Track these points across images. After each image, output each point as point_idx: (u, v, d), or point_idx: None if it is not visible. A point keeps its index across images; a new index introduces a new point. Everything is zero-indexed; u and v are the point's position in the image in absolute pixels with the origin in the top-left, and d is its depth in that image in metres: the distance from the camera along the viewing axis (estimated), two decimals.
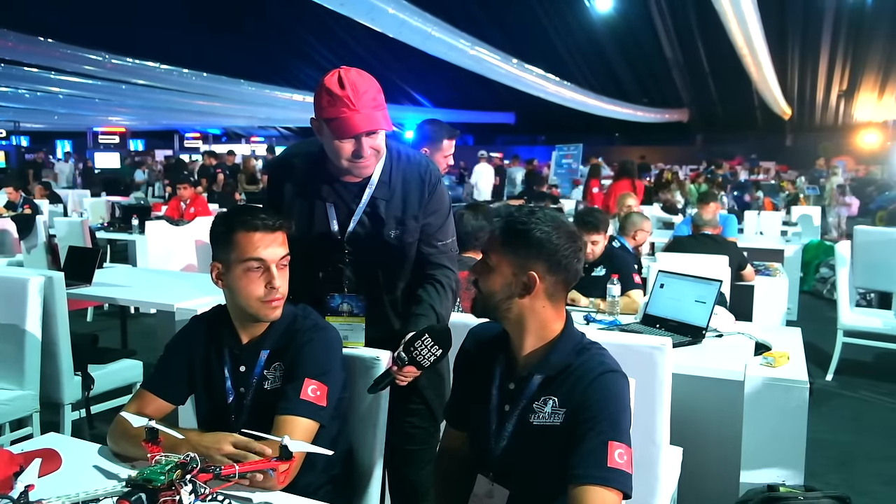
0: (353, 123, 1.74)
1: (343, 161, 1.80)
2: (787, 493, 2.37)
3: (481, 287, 1.49)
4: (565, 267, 1.46)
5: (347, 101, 1.73)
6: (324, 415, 1.58)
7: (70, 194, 11.10)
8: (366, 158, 1.80)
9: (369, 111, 1.75)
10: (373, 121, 1.76)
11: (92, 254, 4.05)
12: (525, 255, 1.44)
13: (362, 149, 1.78)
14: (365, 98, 1.75)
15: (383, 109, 1.80)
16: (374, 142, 1.80)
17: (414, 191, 1.93)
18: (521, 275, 1.44)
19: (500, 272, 1.45)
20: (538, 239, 1.43)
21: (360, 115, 1.74)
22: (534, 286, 1.43)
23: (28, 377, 2.92)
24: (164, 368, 1.74)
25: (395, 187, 1.92)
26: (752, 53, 14.72)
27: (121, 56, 15.19)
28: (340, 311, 1.94)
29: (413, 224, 1.93)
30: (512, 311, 1.46)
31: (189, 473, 1.29)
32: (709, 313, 2.84)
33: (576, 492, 1.30)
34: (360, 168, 1.83)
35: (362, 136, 1.77)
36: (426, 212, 1.95)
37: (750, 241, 7.33)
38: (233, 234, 1.60)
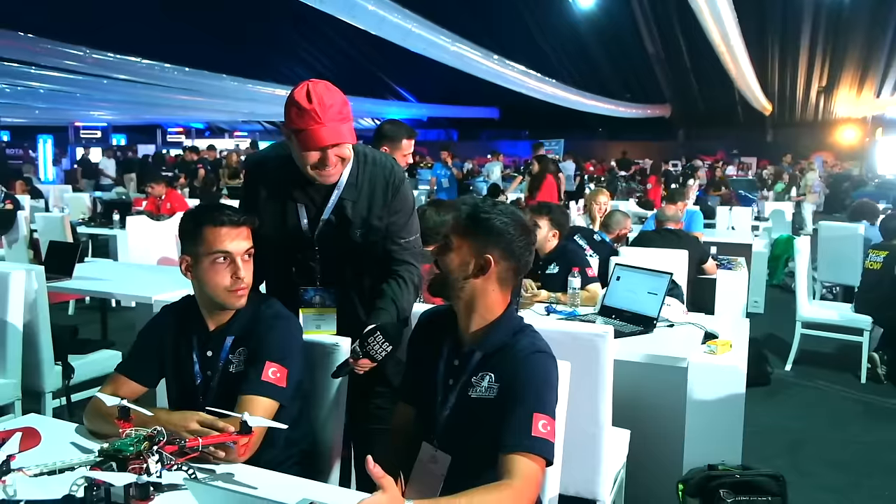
0: (319, 136, 1.87)
1: (308, 169, 1.94)
2: (725, 471, 2.56)
3: (440, 264, 1.65)
4: (518, 256, 1.63)
5: (314, 114, 1.84)
6: (284, 395, 1.73)
7: (52, 189, 11.12)
8: (330, 167, 1.93)
9: (335, 124, 1.88)
10: (337, 134, 1.89)
11: (72, 248, 4.16)
12: (484, 241, 1.60)
13: (328, 159, 1.91)
14: (331, 111, 1.87)
15: (349, 122, 1.93)
16: (339, 151, 1.93)
17: (379, 192, 2.07)
18: (478, 257, 1.60)
19: (460, 253, 1.62)
20: (498, 228, 1.61)
21: (326, 129, 1.86)
22: (488, 268, 1.60)
23: (10, 366, 3.03)
24: (137, 353, 1.88)
25: (362, 189, 2.05)
26: (730, 51, 14.93)
27: (101, 51, 15.14)
28: (313, 303, 2.08)
29: (377, 224, 2.07)
30: (465, 290, 1.62)
31: (156, 445, 1.43)
32: (659, 304, 3.00)
33: (504, 459, 1.45)
34: (323, 177, 1.96)
35: (329, 153, 1.90)
36: (390, 211, 2.09)
37: (720, 235, 7.54)
38: (201, 229, 1.74)
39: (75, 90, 19.48)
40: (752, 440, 3.68)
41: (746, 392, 4.22)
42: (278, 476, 1.58)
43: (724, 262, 5.19)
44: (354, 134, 1.98)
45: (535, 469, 1.45)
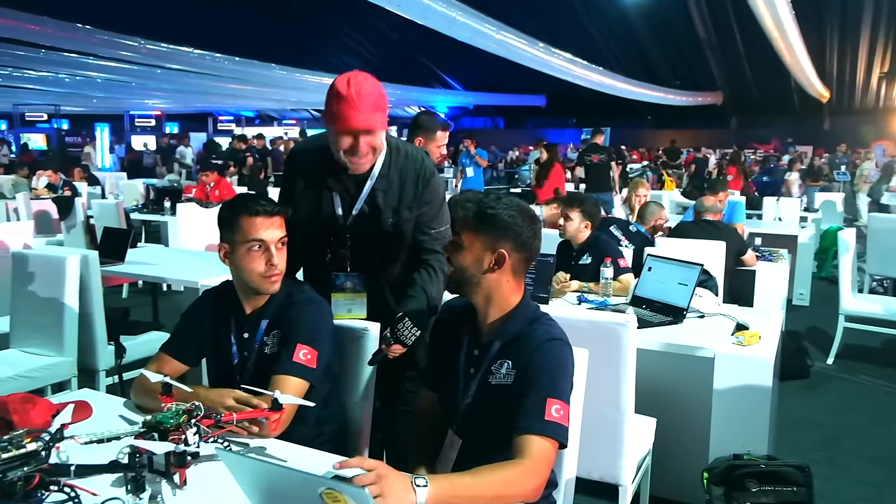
0: (352, 120, 1.97)
1: (341, 155, 2.04)
2: (751, 460, 2.58)
3: (454, 263, 1.72)
4: (528, 246, 1.70)
5: (350, 99, 1.96)
6: (314, 375, 1.83)
7: (107, 177, 11.53)
8: (361, 155, 2.03)
9: (368, 112, 1.98)
10: (370, 120, 1.99)
11: (125, 234, 4.36)
12: (495, 236, 1.67)
13: (359, 145, 2.01)
14: (366, 100, 1.97)
15: (383, 113, 2.03)
16: (371, 139, 2.02)
17: (409, 184, 2.16)
18: (492, 252, 1.66)
19: (472, 250, 1.68)
20: (506, 222, 1.67)
21: (360, 114, 1.97)
22: (503, 262, 1.66)
23: (67, 345, 3.23)
24: (180, 334, 2.01)
25: (393, 180, 2.15)
26: (783, 37, 14.54)
27: (155, 41, 15.57)
28: (344, 287, 2.18)
29: (407, 214, 2.16)
30: (481, 284, 1.69)
31: (194, 419, 1.55)
32: (689, 295, 3.02)
33: (517, 441, 1.52)
34: (355, 164, 2.06)
35: (360, 134, 1.99)
36: (420, 203, 2.18)
37: (766, 226, 7.42)
38: (237, 219, 1.86)
39: (130, 80, 20.08)
40: (787, 432, 3.69)
41: (784, 384, 4.24)
42: (308, 451, 1.68)
43: (766, 254, 5.13)
44: (386, 124, 2.08)
45: (547, 450, 1.51)
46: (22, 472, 1.28)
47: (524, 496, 1.45)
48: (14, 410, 1.66)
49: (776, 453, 3.30)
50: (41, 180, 9.16)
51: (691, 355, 2.74)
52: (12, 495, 1.26)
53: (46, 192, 8.63)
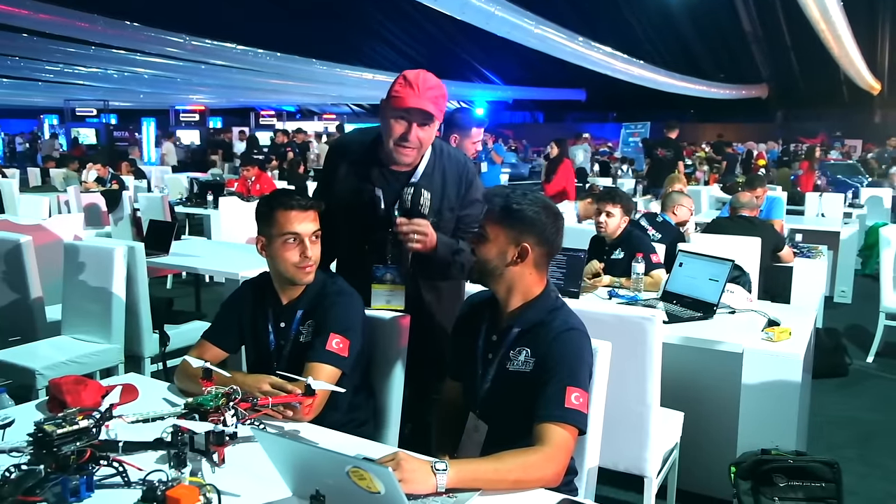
0: (409, 98, 2.05)
1: (391, 142, 2.10)
2: (778, 455, 2.58)
3: (478, 254, 1.78)
4: (550, 241, 1.76)
5: (413, 83, 2.05)
6: (345, 364, 1.91)
7: (153, 171, 11.84)
8: (410, 144, 2.09)
9: (426, 99, 2.05)
10: (426, 105, 2.05)
11: (169, 227, 4.52)
12: (519, 230, 1.72)
13: (410, 132, 2.07)
14: (428, 89, 2.06)
15: (439, 108, 2.09)
16: (423, 131, 2.09)
17: (452, 185, 2.23)
18: (516, 246, 1.72)
19: (497, 243, 1.74)
20: (531, 217, 1.73)
21: (418, 97, 2.05)
22: (526, 256, 1.73)
23: (114, 333, 3.38)
24: (220, 323, 2.11)
25: (436, 180, 2.21)
26: (830, 28, 14.21)
27: (200, 38, 15.93)
28: (384, 279, 2.24)
29: (449, 215, 2.23)
30: (504, 276, 1.75)
31: (232, 402, 1.64)
32: (720, 291, 3.03)
33: (538, 428, 1.58)
34: (402, 154, 2.11)
35: (413, 122, 2.06)
36: (463, 204, 2.25)
37: (808, 222, 7.30)
38: (273, 213, 1.95)
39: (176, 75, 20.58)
40: (821, 429, 3.67)
41: (821, 382, 4.21)
42: (339, 435, 1.76)
43: (804, 250, 5.07)
44: (441, 115, 2.13)
45: (566, 437, 1.57)
46: (75, 446, 1.39)
47: (544, 481, 1.51)
48: (67, 391, 1.78)
49: (809, 450, 3.30)
50: (90, 174, 9.47)
51: (720, 350, 2.75)
52: (66, 467, 1.37)
53: (95, 186, 8.92)
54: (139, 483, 1.39)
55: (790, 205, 8.22)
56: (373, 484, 1.21)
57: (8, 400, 1.89)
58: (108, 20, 14.18)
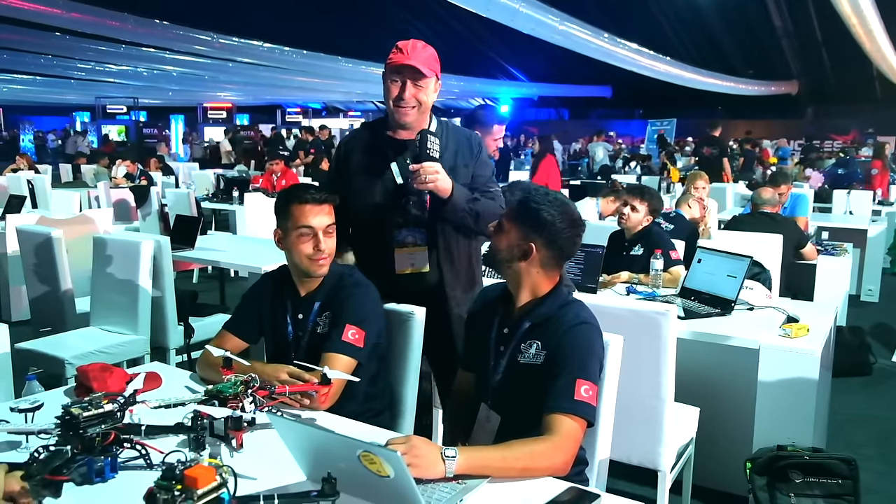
0: (399, 59, 2.20)
1: (391, 104, 2.23)
2: (794, 452, 2.58)
3: (493, 241, 1.83)
4: (560, 246, 1.77)
5: (404, 48, 2.21)
6: (361, 354, 1.96)
7: (181, 167, 12.02)
8: (407, 102, 2.21)
9: (416, 59, 2.19)
10: (414, 62, 2.18)
11: (195, 222, 4.61)
12: (530, 229, 1.75)
13: (405, 91, 2.19)
14: (418, 51, 2.21)
15: (431, 69, 2.22)
16: (417, 91, 2.21)
17: (463, 145, 2.36)
18: (522, 243, 1.75)
19: (508, 236, 1.78)
20: (545, 220, 1.75)
21: (408, 57, 2.19)
22: (530, 254, 1.75)
23: (141, 324, 3.47)
24: (241, 314, 2.17)
25: (447, 144, 2.31)
26: (862, 22, 13.95)
27: (227, 36, 16.12)
28: (406, 242, 2.30)
29: (464, 171, 2.32)
30: (511, 269, 1.79)
31: (251, 389, 1.69)
32: (738, 287, 3.03)
33: (548, 419, 1.61)
34: (402, 114, 2.23)
35: (407, 80, 2.19)
36: (477, 165, 2.35)
37: (835, 220, 7.20)
38: (289, 207, 2.01)
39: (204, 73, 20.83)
40: (842, 427, 3.65)
41: (843, 380, 4.18)
42: (355, 423, 1.81)
43: (828, 248, 5.02)
44: (434, 87, 2.26)
45: (575, 428, 1.60)
46: (100, 428, 1.45)
47: (552, 470, 1.54)
48: (94, 378, 1.85)
49: (828, 447, 3.28)
50: (120, 170, 9.65)
51: (737, 346, 2.75)
52: (91, 449, 1.43)
53: (124, 182, 9.10)
54: (160, 465, 1.44)
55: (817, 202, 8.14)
56: (383, 468, 1.25)
57: (38, 386, 1.97)
58: (137, 19, 14.40)
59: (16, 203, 6.14)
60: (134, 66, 20.35)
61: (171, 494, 1.15)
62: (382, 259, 2.30)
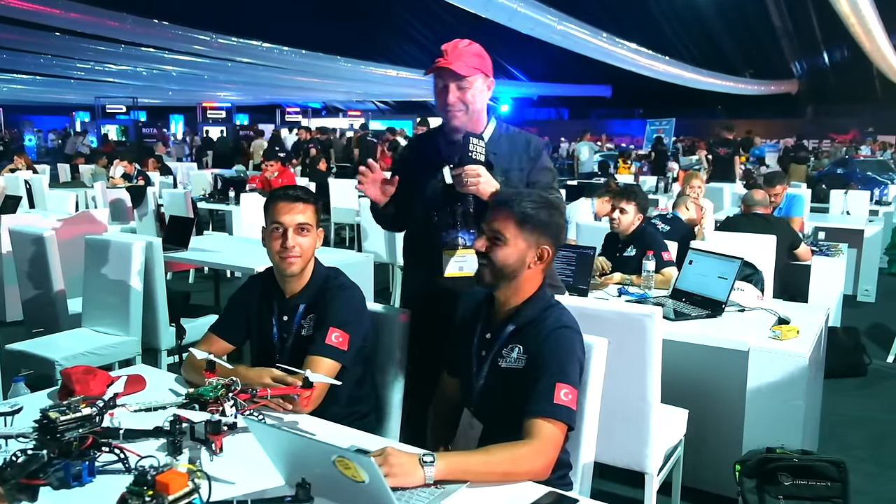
0: (439, 61, 2.15)
1: (440, 110, 2.22)
2: (784, 454, 2.58)
3: (494, 258, 1.75)
4: (561, 240, 1.82)
5: (443, 52, 2.16)
6: (345, 357, 1.95)
7: (179, 167, 12.02)
8: (453, 106, 2.17)
9: (456, 59, 2.15)
10: (456, 65, 2.13)
11: (188, 222, 4.60)
12: (541, 234, 1.75)
13: (448, 94, 2.16)
14: (459, 51, 2.15)
15: (474, 67, 2.16)
16: (461, 92, 2.17)
17: (520, 149, 2.30)
18: (535, 249, 1.75)
19: (516, 246, 1.74)
20: (547, 221, 1.76)
21: (445, 61, 2.14)
22: (545, 258, 1.76)
23: (132, 326, 3.47)
24: (227, 316, 2.17)
25: (503, 146, 2.27)
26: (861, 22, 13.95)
27: (226, 35, 16.13)
28: (455, 244, 2.24)
29: (518, 175, 2.25)
30: (519, 277, 1.76)
31: (231, 392, 1.69)
32: (728, 289, 3.02)
33: (528, 423, 1.60)
34: (452, 117, 2.20)
35: (449, 84, 2.16)
36: (533, 171, 2.27)
37: (831, 220, 7.19)
38: (269, 204, 2.04)
39: (203, 73, 20.86)
40: (835, 429, 3.64)
41: (838, 381, 4.18)
42: (337, 427, 1.80)
43: (823, 248, 5.01)
44: (483, 87, 2.21)
45: (555, 432, 1.59)
46: (77, 433, 1.44)
47: (533, 475, 1.54)
48: (76, 380, 1.84)
49: (821, 449, 3.28)
50: (117, 170, 9.65)
51: (726, 348, 2.75)
52: (69, 453, 1.42)
53: (122, 182, 9.08)
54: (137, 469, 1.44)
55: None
56: (358, 473, 1.25)
57: (24, 388, 1.96)
58: (136, 19, 14.43)
59: (11, 203, 6.14)
60: (133, 65, 20.39)
61: (142, 500, 1.14)
62: (431, 260, 2.25)
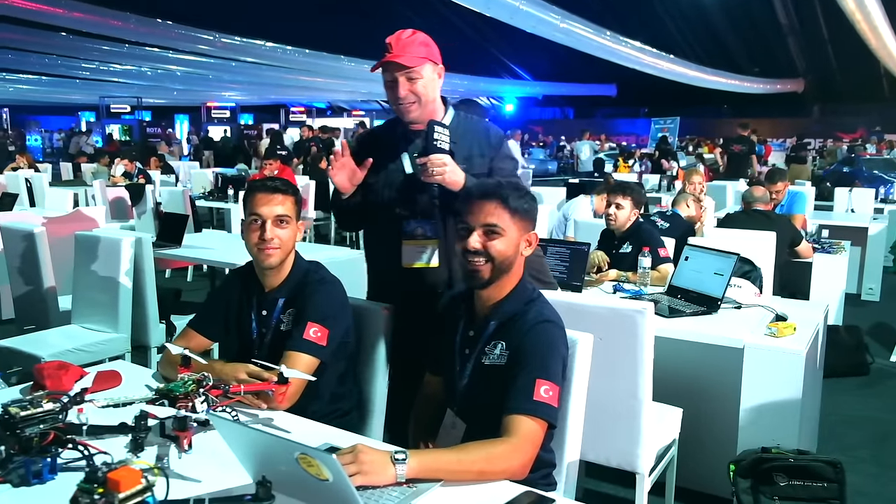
0: (386, 59, 2.09)
1: (393, 105, 2.17)
2: (779, 454, 2.52)
3: (495, 252, 1.69)
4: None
5: (388, 42, 2.11)
6: (323, 353, 1.90)
7: (181, 166, 12.01)
8: (404, 99, 2.12)
9: (402, 51, 2.08)
10: (403, 58, 2.07)
11: (182, 220, 4.57)
12: (526, 220, 1.74)
13: (397, 89, 2.10)
14: (404, 44, 2.09)
15: (421, 57, 2.11)
16: (410, 84, 2.11)
17: (480, 135, 2.25)
18: (524, 235, 1.74)
19: (510, 236, 1.71)
20: (534, 209, 1.77)
21: (390, 54, 2.08)
22: (534, 243, 1.76)
23: (121, 323, 3.43)
24: (206, 311, 2.13)
25: (462, 134, 2.20)
26: (866, 18, 13.82)
27: (229, 35, 16.12)
28: (415, 234, 2.18)
29: (480, 161, 2.20)
30: (514, 266, 1.74)
31: (203, 388, 1.64)
32: (724, 285, 2.96)
33: (506, 420, 1.55)
34: (405, 112, 2.15)
35: (398, 77, 2.10)
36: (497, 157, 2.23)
37: (836, 218, 7.11)
38: (247, 195, 2.00)
39: (207, 72, 20.87)
40: (835, 428, 3.58)
41: (840, 381, 4.13)
42: (314, 425, 1.75)
43: (825, 246, 4.94)
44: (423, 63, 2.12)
45: (534, 429, 1.54)
46: (38, 429, 1.40)
47: (509, 473, 1.48)
48: (48, 376, 1.80)
49: (820, 448, 3.22)
50: (118, 168, 9.64)
51: (721, 346, 2.69)
52: (29, 450, 1.38)
53: (122, 180, 9.07)
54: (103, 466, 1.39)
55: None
56: (321, 471, 1.20)
57: (2, 384, 1.92)
58: (139, 18, 14.44)
59: (8, 201, 6.13)
60: (138, 65, 20.40)
61: (92, 498, 1.10)
62: (391, 252, 2.20)
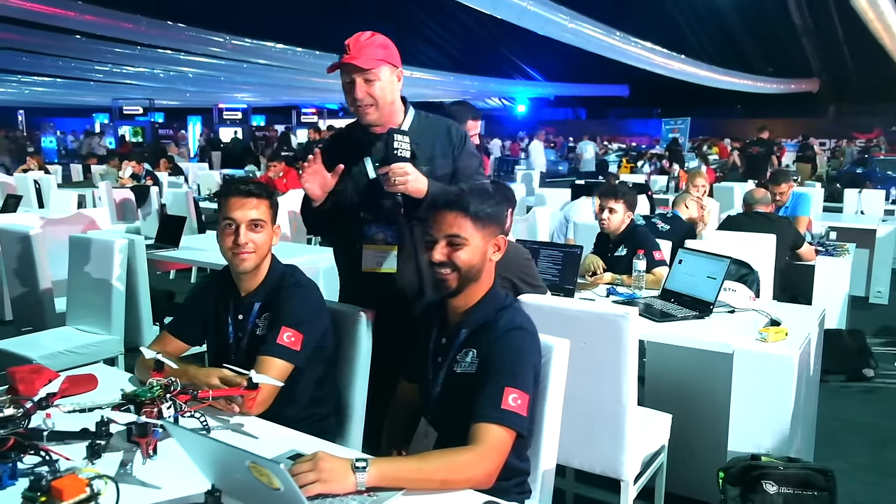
0: (343, 58, 2.08)
1: (350, 107, 2.15)
2: (769, 462, 2.48)
3: (460, 262, 1.66)
4: (505, 225, 1.81)
5: (346, 45, 2.10)
6: (297, 358, 1.88)
7: (191, 167, 12.07)
8: (361, 101, 2.11)
9: (359, 54, 2.08)
10: (360, 60, 2.07)
11: (180, 221, 4.57)
12: (492, 225, 1.71)
13: (354, 91, 2.10)
14: (362, 46, 2.08)
15: (374, 57, 2.09)
16: (369, 88, 2.10)
17: (441, 135, 2.23)
18: (491, 241, 1.71)
19: (474, 245, 1.68)
20: (500, 211, 1.74)
21: (348, 56, 2.07)
22: (502, 247, 1.73)
23: (114, 325, 3.44)
24: (184, 315, 2.11)
25: (423, 134, 2.19)
26: (879, 18, 13.65)
27: (240, 37, 16.18)
28: (375, 239, 2.18)
29: (443, 161, 2.19)
30: (483, 273, 1.71)
31: (170, 393, 1.63)
32: (717, 289, 2.91)
33: (473, 428, 1.52)
34: (363, 114, 2.14)
35: (355, 78, 2.09)
36: (460, 157, 2.22)
37: (845, 220, 7.02)
38: (220, 199, 1.99)
39: (219, 74, 20.97)
40: (835, 434, 3.53)
41: (842, 386, 4.06)
42: (285, 431, 1.73)
43: (828, 248, 4.87)
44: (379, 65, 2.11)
45: (501, 438, 1.51)
46: None
47: (474, 482, 1.46)
48: (20, 379, 1.80)
49: (817, 455, 3.17)
50: (126, 170, 9.69)
51: (710, 351, 2.65)
52: None
53: (130, 182, 9.12)
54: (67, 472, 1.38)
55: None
56: (272, 480, 1.19)
57: None
58: (150, 20, 14.51)
59: (13, 202, 6.17)
60: (150, 67, 20.52)
61: None
62: (354, 257, 2.22)
